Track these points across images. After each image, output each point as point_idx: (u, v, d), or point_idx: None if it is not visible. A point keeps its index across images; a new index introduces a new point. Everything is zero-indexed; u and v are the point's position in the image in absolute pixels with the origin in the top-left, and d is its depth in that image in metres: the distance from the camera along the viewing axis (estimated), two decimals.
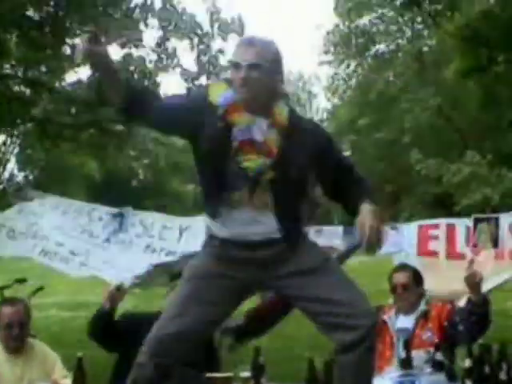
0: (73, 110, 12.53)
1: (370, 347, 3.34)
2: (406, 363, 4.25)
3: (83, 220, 6.37)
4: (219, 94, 3.39)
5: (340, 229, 6.19)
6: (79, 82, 12.16)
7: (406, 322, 4.78)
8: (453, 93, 23.96)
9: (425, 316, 4.74)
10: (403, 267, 5.14)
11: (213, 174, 3.41)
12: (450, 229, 5.72)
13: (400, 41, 29.55)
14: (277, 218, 3.37)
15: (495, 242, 5.32)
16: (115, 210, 6.38)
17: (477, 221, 5.49)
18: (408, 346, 4.47)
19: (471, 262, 4.89)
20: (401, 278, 4.92)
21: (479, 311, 4.47)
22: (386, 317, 4.85)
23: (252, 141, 3.32)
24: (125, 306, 5.03)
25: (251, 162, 3.31)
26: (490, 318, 4.59)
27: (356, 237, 5.91)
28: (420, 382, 3.95)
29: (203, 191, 3.53)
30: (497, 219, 5.54)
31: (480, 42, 13.98)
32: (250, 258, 3.40)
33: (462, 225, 5.69)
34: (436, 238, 5.75)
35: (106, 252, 6.29)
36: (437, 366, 4.33)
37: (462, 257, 5.54)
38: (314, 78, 53.43)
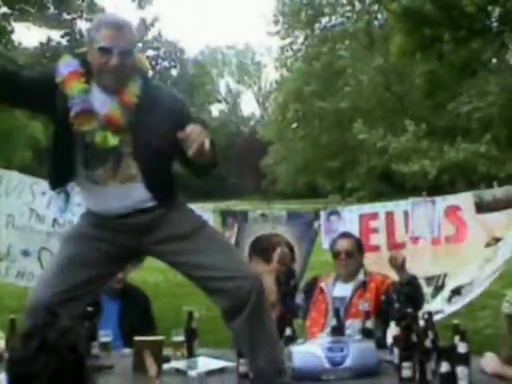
0: None
1: (255, 309, 3.41)
2: (337, 330, 4.33)
3: (27, 197, 6.28)
4: (61, 66, 3.38)
5: (284, 214, 6.25)
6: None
7: (343, 290, 4.86)
8: (398, 67, 24.18)
9: (363, 286, 4.81)
10: (347, 235, 5.24)
11: (69, 151, 3.41)
12: (389, 218, 5.86)
13: (349, 14, 29.64)
14: (147, 187, 3.44)
15: (432, 229, 5.43)
16: None
17: (414, 205, 5.59)
18: (339, 313, 4.55)
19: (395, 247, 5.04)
20: (345, 244, 5.00)
21: (405, 291, 4.59)
22: (323, 284, 4.93)
23: (89, 110, 3.33)
24: None
25: (99, 137, 3.33)
26: (419, 298, 4.71)
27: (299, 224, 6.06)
28: (349, 348, 4.02)
29: (59, 166, 3.53)
30: (433, 202, 5.66)
31: (424, 22, 14.09)
32: (123, 224, 3.48)
33: (400, 211, 5.83)
34: (376, 230, 5.88)
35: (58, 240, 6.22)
36: (366, 334, 4.42)
37: (401, 246, 5.70)
38: (265, 48, 53.37)
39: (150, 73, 3.62)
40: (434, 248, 5.69)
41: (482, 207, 5.64)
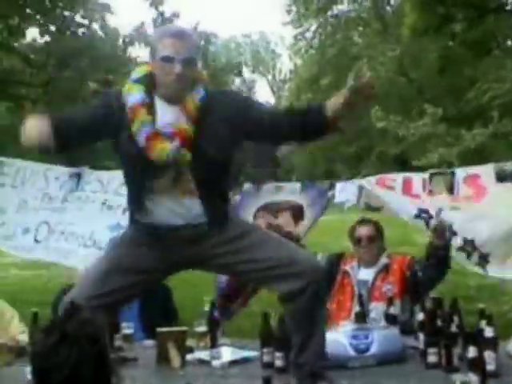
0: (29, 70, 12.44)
1: (317, 291, 3.44)
2: (361, 317, 4.29)
3: (40, 183, 6.29)
4: (129, 94, 3.39)
5: (298, 185, 6.16)
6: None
7: (366, 274, 4.83)
8: (413, 52, 24.06)
9: (385, 269, 4.79)
10: (367, 220, 5.17)
11: (135, 169, 3.44)
12: (407, 181, 5.73)
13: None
14: (202, 202, 3.42)
15: (450, 190, 5.33)
16: (72, 170, 6.31)
17: (432, 175, 5.50)
18: (362, 299, 4.52)
19: (439, 212, 4.98)
20: (365, 230, 4.97)
21: (439, 254, 4.56)
22: (347, 267, 4.90)
23: (157, 134, 3.33)
24: None
25: (159, 151, 3.30)
26: (448, 263, 4.67)
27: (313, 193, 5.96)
28: (373, 335, 4.00)
29: (127, 180, 3.60)
30: (453, 173, 5.57)
31: (437, 1, 13.91)
32: (174, 236, 3.46)
33: (419, 178, 5.71)
34: (392, 188, 5.73)
35: (64, 215, 6.22)
36: (390, 320, 4.39)
37: (417, 196, 5.58)
38: (279, 38, 53.28)
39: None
40: (452, 200, 5.53)
41: (503, 178, 5.46)
